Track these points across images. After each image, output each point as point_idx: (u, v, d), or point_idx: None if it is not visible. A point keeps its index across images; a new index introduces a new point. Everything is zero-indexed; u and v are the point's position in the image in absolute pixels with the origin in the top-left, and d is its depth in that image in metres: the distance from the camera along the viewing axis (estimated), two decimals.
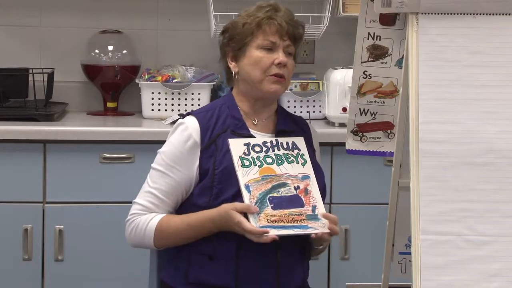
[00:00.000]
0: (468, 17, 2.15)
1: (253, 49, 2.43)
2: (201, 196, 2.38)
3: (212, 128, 2.42)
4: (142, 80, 3.72)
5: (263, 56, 2.42)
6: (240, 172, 2.32)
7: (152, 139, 3.37)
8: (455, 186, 2.02)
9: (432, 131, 2.05)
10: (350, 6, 3.76)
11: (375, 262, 2.71)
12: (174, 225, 2.37)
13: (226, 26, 2.52)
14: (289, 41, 2.44)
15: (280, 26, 2.41)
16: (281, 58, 2.41)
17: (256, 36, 2.42)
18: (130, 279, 3.36)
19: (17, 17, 3.90)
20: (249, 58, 2.43)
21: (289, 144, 2.42)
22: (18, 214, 3.35)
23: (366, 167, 3.39)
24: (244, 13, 2.48)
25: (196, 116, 2.45)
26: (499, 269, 1.98)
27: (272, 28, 2.42)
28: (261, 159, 2.36)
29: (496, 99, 2.09)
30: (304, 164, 2.40)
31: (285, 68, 2.42)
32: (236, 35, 2.45)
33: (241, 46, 2.44)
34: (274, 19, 2.42)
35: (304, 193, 2.35)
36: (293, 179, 2.37)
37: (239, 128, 2.43)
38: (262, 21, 2.42)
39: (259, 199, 2.29)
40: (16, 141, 3.33)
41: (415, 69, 2.10)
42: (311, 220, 2.31)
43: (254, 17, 2.43)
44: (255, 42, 2.43)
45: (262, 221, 2.26)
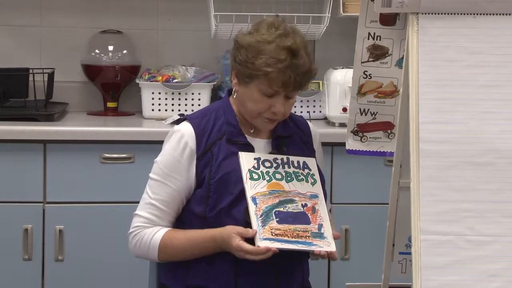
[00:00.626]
0: (468, 17, 2.15)
1: (256, 89, 2.33)
2: (198, 204, 2.37)
3: (207, 135, 2.39)
4: (142, 80, 3.72)
5: (262, 101, 2.33)
6: (248, 184, 2.29)
7: (152, 139, 3.37)
8: (456, 186, 2.02)
9: (432, 131, 2.05)
10: (350, 6, 3.76)
11: (376, 262, 2.71)
12: (178, 242, 2.36)
13: (241, 42, 2.36)
14: (294, 90, 2.35)
15: (287, 82, 2.30)
16: (278, 109, 2.33)
17: (261, 81, 2.31)
18: (130, 279, 3.36)
19: (18, 17, 3.90)
20: (250, 93, 2.35)
21: (300, 163, 2.39)
22: (18, 214, 3.35)
23: (366, 167, 3.39)
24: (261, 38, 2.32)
25: (191, 122, 2.42)
26: (500, 269, 1.98)
27: (278, 81, 2.30)
28: (270, 174, 2.33)
29: (496, 99, 2.09)
30: (313, 184, 2.37)
31: (281, 114, 2.36)
32: (245, 65, 2.33)
33: (246, 78, 2.34)
34: (284, 73, 2.29)
35: (311, 211, 2.32)
36: (301, 196, 2.34)
37: (235, 136, 2.40)
38: (271, 73, 2.29)
39: (265, 212, 2.27)
40: (17, 141, 3.33)
41: (415, 69, 2.10)
42: (316, 237, 2.29)
43: (265, 65, 2.29)
44: (259, 85, 2.32)
45: (266, 233, 2.24)
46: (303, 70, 2.33)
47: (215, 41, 3.85)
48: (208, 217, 2.34)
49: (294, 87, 2.33)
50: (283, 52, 2.30)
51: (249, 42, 2.34)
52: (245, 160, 2.33)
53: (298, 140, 2.49)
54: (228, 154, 2.37)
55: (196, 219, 2.37)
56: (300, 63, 2.31)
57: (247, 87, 2.36)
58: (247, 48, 2.34)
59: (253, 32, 2.37)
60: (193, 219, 2.38)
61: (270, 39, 2.32)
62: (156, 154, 2.48)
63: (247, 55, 2.33)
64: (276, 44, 2.31)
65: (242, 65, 2.34)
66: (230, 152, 2.38)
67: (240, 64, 2.35)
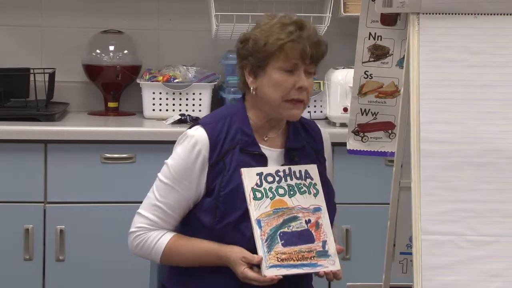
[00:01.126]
0: (469, 17, 2.15)
1: (274, 70, 2.32)
2: (205, 214, 2.34)
3: (221, 143, 2.35)
4: (143, 80, 3.73)
5: (284, 80, 2.31)
6: (252, 206, 2.29)
7: (153, 139, 3.37)
8: (456, 186, 2.02)
9: (433, 131, 2.05)
10: (351, 6, 3.76)
11: (376, 262, 2.70)
12: (183, 251, 2.35)
13: (246, 36, 2.38)
14: (312, 63, 2.34)
15: (303, 50, 2.30)
16: (302, 83, 2.32)
17: (278, 58, 2.31)
18: (131, 280, 3.36)
19: (18, 17, 3.91)
20: (268, 78, 2.33)
21: (302, 172, 2.37)
22: (19, 214, 3.35)
23: (367, 167, 3.39)
24: (265, 26, 2.35)
25: (205, 128, 2.37)
26: (500, 269, 1.98)
27: (295, 52, 2.30)
28: (273, 190, 2.32)
29: (497, 99, 2.09)
30: (316, 195, 2.36)
31: (305, 92, 2.34)
32: (256, 53, 2.33)
33: (261, 64, 2.33)
34: (297, 42, 2.30)
35: (315, 227, 2.32)
36: (304, 212, 2.33)
37: (249, 145, 2.37)
38: (285, 45, 2.29)
39: (270, 235, 2.27)
40: (17, 141, 3.34)
41: (416, 69, 2.10)
42: (320, 257, 2.30)
43: (277, 39, 2.30)
44: (277, 63, 2.31)
45: (272, 259, 2.25)
46: (315, 40, 2.33)
47: (216, 41, 3.85)
48: (215, 228, 2.32)
49: (311, 58, 2.32)
50: (290, 26, 2.32)
51: (254, 33, 2.36)
52: (247, 177, 2.31)
53: (310, 150, 2.46)
54: (240, 165, 2.34)
55: (202, 227, 2.35)
56: (310, 33, 2.33)
57: (264, 75, 2.34)
58: (255, 38, 2.34)
59: (256, 27, 2.39)
60: (198, 226, 2.36)
61: (274, 21, 2.35)
62: (157, 154, 2.48)
63: (256, 42, 2.33)
64: (281, 22, 2.34)
65: (253, 55, 2.34)
66: (242, 162, 2.35)
67: (251, 56, 2.34)
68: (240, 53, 2.39)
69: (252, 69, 2.36)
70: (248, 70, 2.37)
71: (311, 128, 2.51)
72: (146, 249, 2.37)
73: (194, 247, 2.34)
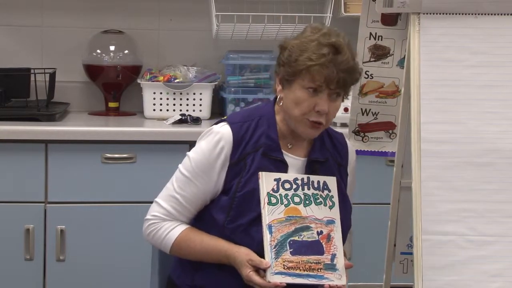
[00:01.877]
0: (470, 17, 2.15)
1: (298, 86, 2.28)
2: (219, 212, 2.33)
3: (245, 144, 2.35)
4: (144, 80, 3.72)
5: (305, 99, 2.28)
6: (265, 210, 2.28)
7: (154, 139, 3.37)
8: (457, 186, 2.02)
9: (433, 131, 2.05)
10: (351, 6, 3.76)
11: (377, 262, 2.71)
12: (193, 246, 2.35)
13: (285, 44, 2.34)
14: (338, 89, 2.27)
15: (330, 77, 2.25)
16: (322, 107, 2.27)
17: (304, 77, 2.27)
18: (132, 279, 3.36)
19: (19, 17, 3.90)
20: (292, 94, 2.30)
21: (320, 183, 2.34)
22: (19, 214, 3.35)
23: (368, 167, 3.37)
24: (304, 39, 2.30)
25: (231, 126, 2.36)
26: (501, 269, 1.98)
27: (321, 76, 2.25)
28: (288, 197, 2.30)
29: (498, 99, 2.09)
30: (331, 207, 2.33)
31: (326, 116, 2.30)
32: (287, 65, 2.30)
33: (289, 78, 2.31)
34: (326, 67, 2.24)
35: (326, 240, 2.30)
36: (317, 222, 2.31)
37: (272, 150, 2.35)
38: (313, 67, 2.25)
39: (280, 242, 2.26)
40: (18, 141, 3.33)
41: (417, 69, 2.10)
42: (328, 270, 2.27)
43: (307, 58, 2.26)
44: (302, 81, 2.27)
45: (279, 266, 2.23)
46: (346, 66, 2.27)
47: (217, 41, 3.85)
48: (227, 228, 2.32)
49: (338, 84, 2.27)
50: (326, 47, 2.26)
51: (292, 44, 2.32)
52: (265, 181, 2.30)
53: (333, 163, 2.42)
54: (260, 168, 2.33)
55: (214, 224, 2.35)
56: (343, 59, 2.26)
57: (290, 89, 2.31)
58: (291, 49, 2.31)
59: (297, 37, 2.34)
60: (211, 222, 2.36)
61: (314, 38, 2.29)
62: (157, 154, 2.48)
63: (290, 55, 2.30)
64: (319, 41, 2.28)
65: (285, 66, 2.31)
66: (262, 166, 2.34)
67: (283, 66, 2.32)
68: (278, 60, 2.37)
69: (282, 79, 2.34)
70: (279, 78, 2.36)
71: (338, 141, 2.46)
72: (158, 238, 2.37)
73: (203, 243, 2.35)
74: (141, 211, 3.31)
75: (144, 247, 2.60)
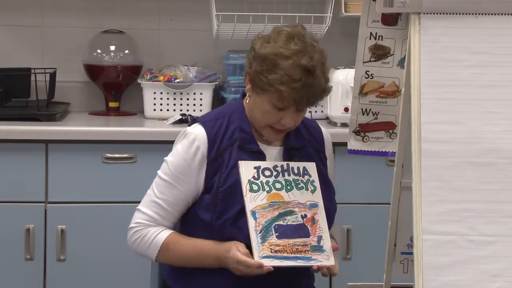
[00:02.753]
0: (470, 17, 2.15)
1: (267, 100, 2.29)
2: (204, 211, 2.34)
3: (220, 140, 2.36)
4: (144, 80, 3.72)
5: (272, 113, 2.30)
6: (248, 198, 2.28)
7: (154, 139, 3.37)
8: (457, 186, 2.02)
9: (434, 131, 2.05)
10: (352, 6, 3.76)
11: (377, 262, 2.70)
12: (181, 248, 2.35)
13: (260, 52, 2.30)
14: (305, 107, 2.32)
15: (300, 100, 2.26)
16: (287, 123, 2.31)
17: (273, 94, 2.27)
18: (132, 279, 3.36)
19: (19, 17, 3.91)
20: (260, 103, 2.31)
21: (300, 169, 2.36)
22: (20, 214, 3.35)
23: (368, 167, 3.39)
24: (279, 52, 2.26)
25: (204, 125, 2.38)
26: (501, 269, 1.98)
27: (290, 99, 2.26)
28: (270, 184, 2.32)
29: (498, 99, 2.09)
30: (313, 192, 2.35)
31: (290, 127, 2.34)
32: (257, 77, 2.29)
33: (259, 88, 2.30)
34: (296, 91, 2.24)
35: (311, 222, 2.31)
36: (301, 207, 2.32)
37: (247, 142, 2.37)
38: (282, 91, 2.24)
39: (265, 227, 2.26)
40: (18, 141, 3.34)
41: (417, 69, 2.10)
42: (315, 251, 2.29)
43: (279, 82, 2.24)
44: (271, 98, 2.28)
45: (266, 250, 2.24)
46: (317, 90, 2.29)
47: (217, 41, 3.85)
48: (215, 224, 2.32)
49: (307, 104, 2.31)
50: (299, 71, 2.25)
51: (265, 54, 2.28)
52: (244, 170, 2.31)
53: (311, 149, 2.45)
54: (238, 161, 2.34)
55: (201, 223, 2.36)
56: (315, 83, 2.27)
57: (258, 97, 2.32)
58: (263, 60, 2.28)
59: (271, 42, 2.31)
60: (198, 223, 2.37)
61: (287, 54, 2.26)
62: (157, 154, 2.48)
63: (262, 66, 2.28)
64: (293, 61, 2.25)
65: (256, 75, 2.30)
66: (240, 159, 2.34)
67: (254, 74, 2.31)
68: (249, 59, 2.36)
69: (252, 83, 2.34)
70: (249, 78, 2.36)
71: (313, 128, 2.51)
72: (144, 245, 2.37)
73: (191, 246, 2.35)
74: None
75: None
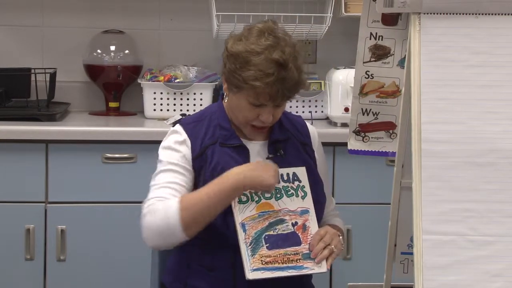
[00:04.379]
0: (470, 17, 2.15)
1: (243, 98, 2.30)
2: None
3: (201, 140, 2.36)
4: (144, 80, 3.73)
5: (249, 110, 2.31)
6: (237, 209, 2.26)
7: (154, 139, 3.37)
8: (457, 186, 2.02)
9: (434, 131, 2.05)
10: (352, 6, 3.76)
11: (377, 262, 2.71)
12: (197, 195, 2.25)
13: (232, 51, 2.31)
14: (282, 101, 2.32)
15: (274, 96, 2.27)
16: (265, 118, 2.31)
17: (248, 92, 2.28)
18: (132, 279, 3.36)
19: (19, 17, 3.91)
20: (237, 101, 2.32)
21: (289, 175, 2.34)
22: (20, 214, 3.35)
23: (368, 167, 3.39)
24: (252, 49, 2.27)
25: (185, 127, 2.39)
26: (502, 269, 1.98)
27: (265, 95, 2.27)
28: (259, 193, 2.29)
29: (499, 99, 2.09)
30: (304, 197, 2.33)
31: (269, 123, 2.34)
32: (232, 76, 2.30)
33: (235, 86, 2.31)
34: (271, 86, 2.25)
35: (302, 230, 2.30)
36: (291, 214, 2.31)
37: (228, 139, 2.37)
38: (256, 86, 2.25)
39: (255, 239, 2.25)
40: (18, 141, 3.34)
41: (417, 69, 2.10)
42: (307, 259, 2.28)
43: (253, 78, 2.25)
44: (247, 95, 2.29)
45: (256, 262, 2.23)
46: (291, 83, 2.29)
47: (217, 41, 3.85)
48: None
49: (282, 98, 2.30)
50: (271, 65, 2.25)
51: (237, 51, 2.29)
52: None
53: (296, 142, 2.45)
54: (222, 158, 2.34)
55: None
56: (288, 76, 2.27)
57: (235, 96, 2.33)
58: (236, 58, 2.30)
59: (242, 39, 2.32)
60: None
61: (259, 49, 2.27)
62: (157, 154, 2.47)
63: (235, 64, 2.29)
64: (265, 56, 2.26)
65: (230, 74, 2.31)
66: (224, 155, 2.34)
67: (229, 73, 2.32)
68: (223, 59, 2.36)
69: (228, 82, 2.35)
70: (224, 78, 2.37)
71: (297, 122, 2.51)
72: (161, 214, 2.23)
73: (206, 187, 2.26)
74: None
75: (144, 246, 2.60)
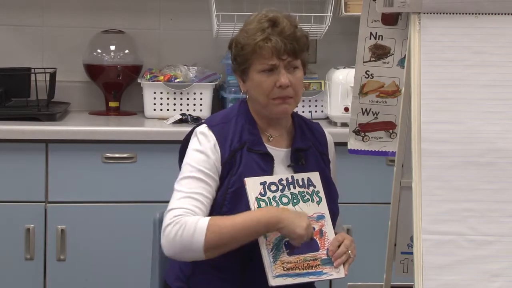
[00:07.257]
0: (470, 17, 2.15)
1: (255, 72, 2.34)
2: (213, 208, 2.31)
3: (230, 143, 2.35)
4: (144, 80, 3.73)
5: (264, 80, 2.33)
6: None
7: (154, 138, 3.37)
8: (457, 186, 2.02)
9: (434, 130, 2.05)
10: (352, 5, 3.76)
11: (377, 261, 2.71)
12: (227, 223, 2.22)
13: (230, 41, 2.42)
14: (289, 57, 2.34)
15: (276, 48, 2.31)
16: (282, 81, 2.32)
17: (254, 61, 2.33)
18: (132, 279, 3.36)
19: (19, 17, 3.91)
20: (251, 81, 2.35)
21: (304, 180, 2.36)
22: (20, 214, 3.35)
23: (368, 167, 3.39)
24: (246, 27, 2.39)
25: (213, 129, 2.37)
26: (501, 268, 1.98)
27: (268, 51, 2.31)
28: (277, 199, 2.31)
29: (499, 99, 2.09)
30: (319, 203, 2.36)
31: (290, 88, 2.33)
32: (238, 57, 2.38)
33: (244, 68, 2.36)
34: (269, 40, 2.31)
35: (319, 235, 2.33)
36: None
37: (255, 144, 2.36)
38: (257, 45, 2.31)
39: (275, 245, 2.27)
40: (18, 140, 3.34)
41: (417, 68, 2.10)
42: (325, 264, 2.30)
43: (252, 39, 2.33)
44: (255, 66, 2.34)
45: (279, 269, 2.25)
46: (288, 33, 2.33)
47: (217, 41, 3.85)
48: None
49: (287, 52, 2.32)
50: (264, 23, 2.35)
51: (236, 37, 2.40)
52: (251, 187, 2.30)
53: (315, 151, 2.46)
54: (248, 164, 2.34)
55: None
56: (282, 26, 2.33)
57: (248, 78, 2.36)
58: (236, 42, 2.39)
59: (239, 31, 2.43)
60: None
61: (252, 20, 2.39)
62: (157, 154, 2.48)
63: (237, 45, 2.38)
64: (257, 20, 2.37)
65: (237, 59, 2.38)
66: (250, 161, 2.34)
67: (236, 60, 2.39)
68: (231, 58, 2.43)
69: (239, 74, 2.40)
70: (238, 74, 2.41)
71: (317, 130, 2.51)
72: (188, 232, 2.20)
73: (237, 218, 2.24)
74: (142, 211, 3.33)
75: (144, 246, 2.60)
